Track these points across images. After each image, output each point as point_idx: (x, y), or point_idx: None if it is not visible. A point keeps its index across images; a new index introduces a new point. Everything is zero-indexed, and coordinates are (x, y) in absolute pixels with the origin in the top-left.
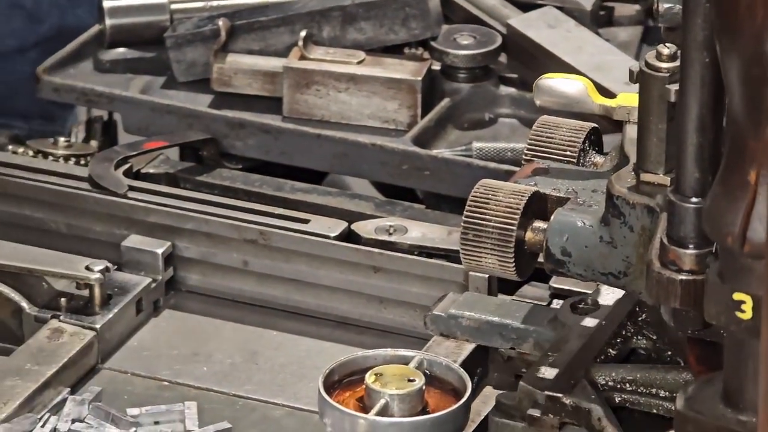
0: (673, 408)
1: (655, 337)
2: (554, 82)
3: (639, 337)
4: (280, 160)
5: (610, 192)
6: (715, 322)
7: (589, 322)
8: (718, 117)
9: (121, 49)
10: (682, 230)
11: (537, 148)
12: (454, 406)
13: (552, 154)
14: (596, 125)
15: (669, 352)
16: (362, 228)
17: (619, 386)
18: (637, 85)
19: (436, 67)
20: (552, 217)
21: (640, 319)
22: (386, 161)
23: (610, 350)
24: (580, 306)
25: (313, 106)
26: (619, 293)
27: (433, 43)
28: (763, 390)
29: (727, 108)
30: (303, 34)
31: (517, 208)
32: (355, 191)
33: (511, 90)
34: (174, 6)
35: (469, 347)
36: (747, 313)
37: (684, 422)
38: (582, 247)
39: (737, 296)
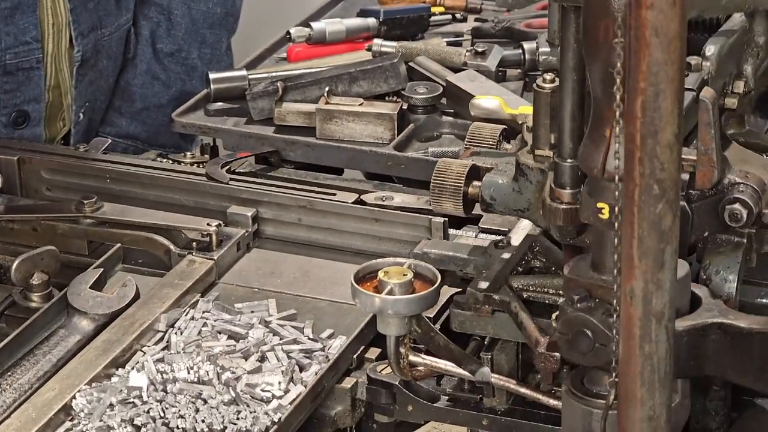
0: (556, 300)
1: (544, 260)
2: (481, 101)
3: (535, 260)
4: (316, 162)
5: (518, 162)
6: (586, 221)
7: (506, 254)
8: (581, 111)
9: (220, 103)
10: (563, 179)
11: (472, 140)
12: (431, 289)
13: (481, 143)
14: (506, 126)
15: (553, 268)
16: (367, 198)
17: (525, 288)
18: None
19: (405, 106)
20: (483, 179)
21: (535, 249)
22: (378, 160)
23: (519, 268)
24: (500, 245)
25: (334, 131)
26: (522, 236)
27: (402, 92)
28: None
29: (591, 95)
30: (326, 89)
31: (463, 174)
32: (359, 178)
33: (449, 118)
34: (251, 76)
35: None
36: (605, 214)
37: (569, 282)
38: (502, 195)
39: (599, 205)
